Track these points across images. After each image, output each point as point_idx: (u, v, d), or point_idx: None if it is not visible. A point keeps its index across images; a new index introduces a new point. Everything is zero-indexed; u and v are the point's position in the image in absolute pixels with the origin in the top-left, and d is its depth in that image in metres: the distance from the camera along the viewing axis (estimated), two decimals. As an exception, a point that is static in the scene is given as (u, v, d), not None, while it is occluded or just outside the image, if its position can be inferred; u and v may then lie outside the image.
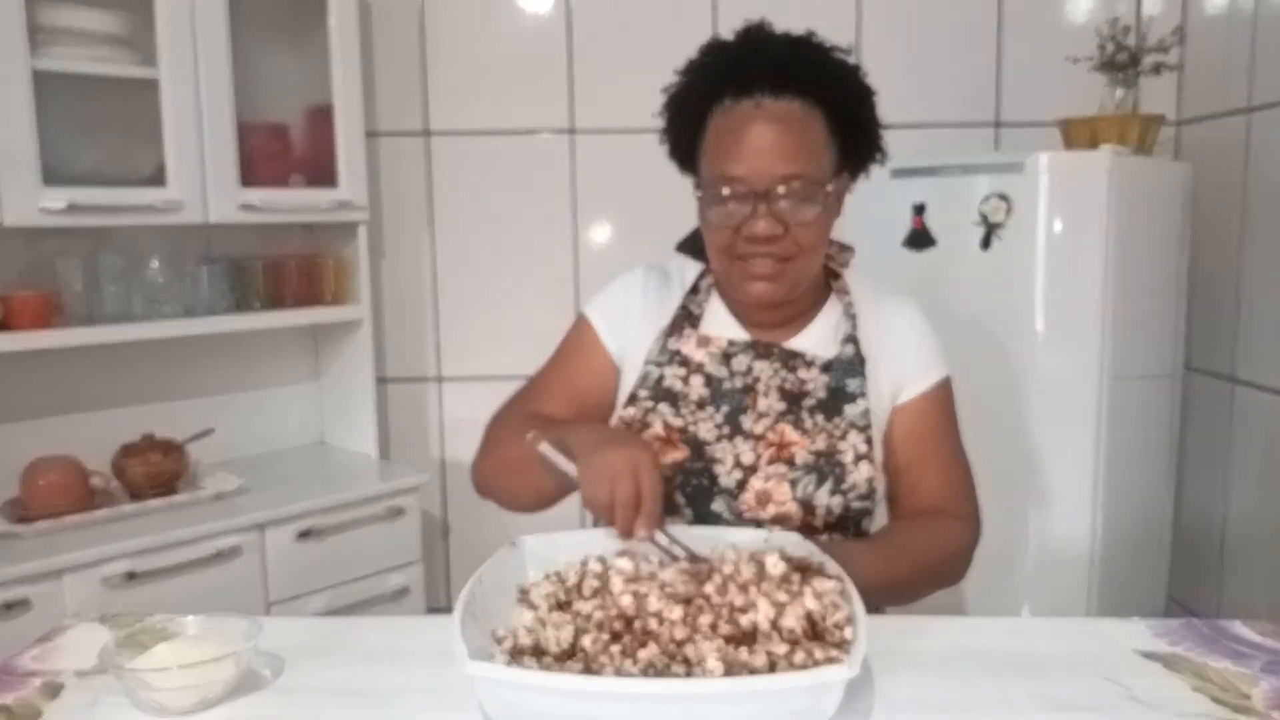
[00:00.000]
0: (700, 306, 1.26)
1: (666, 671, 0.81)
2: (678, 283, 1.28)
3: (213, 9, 2.02)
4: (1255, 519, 2.23)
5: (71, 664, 1.01)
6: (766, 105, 1.10)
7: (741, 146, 1.10)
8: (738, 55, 1.13)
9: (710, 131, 1.14)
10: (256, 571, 2.01)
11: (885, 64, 2.59)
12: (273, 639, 1.00)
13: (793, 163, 1.09)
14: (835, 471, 1.15)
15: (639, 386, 1.21)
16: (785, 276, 1.14)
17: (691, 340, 1.22)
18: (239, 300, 2.25)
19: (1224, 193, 2.31)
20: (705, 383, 1.20)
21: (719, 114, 1.13)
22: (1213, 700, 0.89)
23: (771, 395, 1.18)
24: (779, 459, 1.15)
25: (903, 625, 1.07)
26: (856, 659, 0.76)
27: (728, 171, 1.10)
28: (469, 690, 0.85)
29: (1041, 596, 2.15)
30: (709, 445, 1.16)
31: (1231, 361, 2.30)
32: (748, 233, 1.11)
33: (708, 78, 1.14)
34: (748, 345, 1.22)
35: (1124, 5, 2.49)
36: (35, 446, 2.00)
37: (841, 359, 1.21)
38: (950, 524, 1.21)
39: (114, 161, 2.04)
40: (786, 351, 1.21)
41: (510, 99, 2.57)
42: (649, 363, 1.22)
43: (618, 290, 1.29)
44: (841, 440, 1.16)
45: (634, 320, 1.26)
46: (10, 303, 1.87)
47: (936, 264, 2.19)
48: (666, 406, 1.19)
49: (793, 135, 1.09)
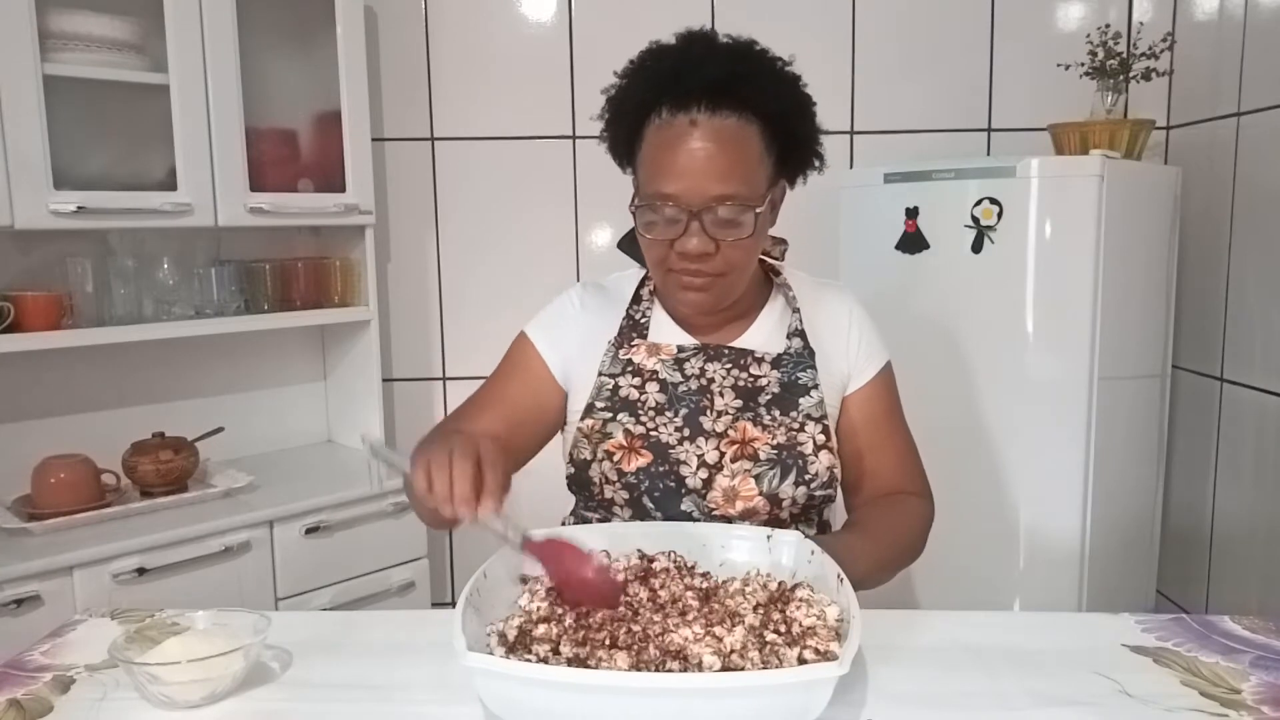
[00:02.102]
0: (645, 315, 1.27)
1: (661, 667, 0.82)
2: (616, 295, 1.30)
3: (222, 16, 2.05)
4: (1243, 516, 2.26)
5: (82, 659, 1.01)
6: (702, 122, 1.09)
7: (676, 165, 1.09)
8: (675, 67, 1.12)
9: (646, 143, 1.13)
10: (265, 567, 2.05)
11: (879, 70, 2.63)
12: (281, 633, 1.02)
13: (726, 183, 1.09)
14: (798, 463, 1.17)
15: (594, 398, 1.22)
16: (716, 289, 1.16)
17: (641, 349, 1.23)
18: (248, 301, 2.29)
19: (1213, 196, 2.33)
20: (660, 389, 1.21)
21: (655, 126, 1.12)
22: (1202, 695, 0.90)
23: (727, 394, 1.20)
24: (742, 455, 1.17)
25: (895, 619, 1.07)
26: (848, 656, 0.77)
27: (662, 189, 1.10)
28: (473, 683, 0.85)
29: (1032, 592, 2.18)
30: (672, 449, 1.17)
31: (1219, 361, 2.33)
32: (680, 249, 1.12)
33: (646, 86, 1.14)
34: (697, 349, 1.23)
35: (1115, 12, 2.51)
36: (47, 445, 2.03)
37: (790, 353, 1.23)
38: (915, 502, 1.25)
39: (124, 165, 2.07)
40: (736, 350, 1.23)
41: (513, 105, 2.60)
42: (602, 374, 1.22)
43: (556, 309, 1.30)
44: (800, 432, 1.18)
45: (574, 337, 1.26)
46: (22, 303, 1.89)
47: (929, 267, 2.22)
48: (625, 415, 1.19)
49: (727, 155, 1.09)
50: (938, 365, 2.20)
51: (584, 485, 1.22)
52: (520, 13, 2.58)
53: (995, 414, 2.17)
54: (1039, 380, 2.14)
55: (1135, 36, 2.37)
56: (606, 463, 1.19)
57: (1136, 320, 2.23)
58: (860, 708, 0.88)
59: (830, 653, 0.83)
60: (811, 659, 0.83)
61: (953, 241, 2.17)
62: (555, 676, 0.78)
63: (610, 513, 1.23)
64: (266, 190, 2.17)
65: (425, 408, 2.72)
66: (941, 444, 1.47)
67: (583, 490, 1.24)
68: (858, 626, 0.82)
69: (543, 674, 0.78)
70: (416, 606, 2.28)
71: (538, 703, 0.79)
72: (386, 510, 2.23)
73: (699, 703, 0.77)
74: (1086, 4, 2.55)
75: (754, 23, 1.24)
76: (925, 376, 1.81)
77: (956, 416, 2.19)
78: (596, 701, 0.78)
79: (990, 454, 2.18)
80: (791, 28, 1.17)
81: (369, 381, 2.47)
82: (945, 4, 2.56)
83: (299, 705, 0.92)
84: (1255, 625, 1.06)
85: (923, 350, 2.15)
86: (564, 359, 1.26)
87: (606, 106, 1.20)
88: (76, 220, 1.90)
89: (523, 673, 0.79)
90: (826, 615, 0.89)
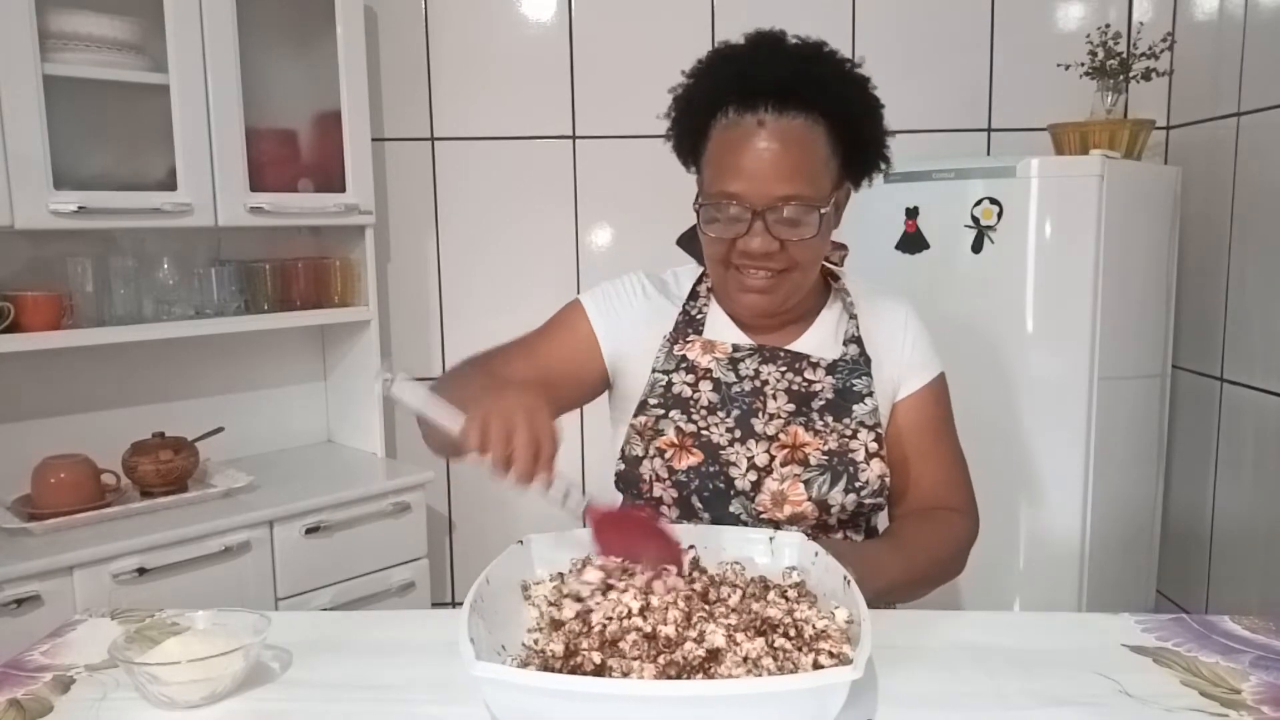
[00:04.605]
0: (701, 312, 1.26)
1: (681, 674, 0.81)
2: (675, 290, 1.29)
3: (222, 16, 2.05)
4: (1243, 515, 2.26)
5: (82, 659, 1.01)
6: (769, 123, 1.09)
7: (741, 165, 1.10)
8: (744, 67, 1.12)
9: (712, 142, 1.14)
10: (265, 567, 2.05)
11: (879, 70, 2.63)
12: (281, 633, 1.02)
13: (791, 184, 1.09)
14: (849, 470, 1.16)
15: (648, 394, 1.21)
16: (779, 289, 1.16)
17: (696, 346, 1.23)
18: (248, 301, 2.29)
19: (1213, 196, 2.33)
20: (714, 388, 1.20)
21: (722, 125, 1.13)
22: (1202, 695, 0.90)
23: (780, 398, 1.19)
24: (792, 460, 1.16)
25: (896, 620, 1.07)
26: (861, 660, 0.76)
27: (727, 188, 1.11)
28: (473, 684, 0.83)
29: (1033, 592, 2.18)
30: (723, 449, 1.17)
31: (1219, 361, 2.33)
32: (743, 248, 1.12)
33: (713, 86, 1.14)
34: (753, 350, 1.22)
35: (1115, 12, 2.52)
36: (47, 445, 2.03)
37: (846, 359, 1.22)
38: (955, 519, 1.24)
39: (124, 165, 2.07)
40: (792, 354, 1.22)
41: (513, 105, 2.60)
42: (656, 370, 1.22)
43: (619, 287, 1.29)
44: (853, 439, 1.17)
45: (628, 319, 1.26)
46: (22, 303, 1.89)
47: (929, 267, 2.22)
48: (678, 413, 1.19)
49: (793, 156, 1.09)
50: (938, 365, 2.20)
51: (633, 482, 1.21)
52: (520, 13, 2.58)
53: (995, 414, 2.17)
54: (1039, 380, 2.14)
55: (1135, 36, 2.37)
56: (658, 459, 1.17)
57: (1136, 320, 2.23)
58: (860, 708, 0.87)
59: (844, 655, 0.83)
60: (826, 663, 0.82)
61: (953, 241, 2.17)
62: (564, 685, 0.77)
63: (658, 512, 1.21)
64: (266, 190, 2.17)
65: (425, 408, 2.72)
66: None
67: (631, 488, 1.22)
68: (868, 629, 0.81)
69: (551, 683, 0.77)
70: (416, 606, 2.28)
71: (548, 711, 0.78)
72: (386, 510, 2.23)
73: (716, 710, 0.76)
74: (1086, 4, 2.55)
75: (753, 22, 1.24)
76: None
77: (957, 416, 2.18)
78: (608, 709, 0.77)
79: (990, 454, 2.17)
80: (791, 28, 1.16)
81: (369, 381, 2.46)
82: (945, 4, 2.56)
83: (299, 705, 0.91)
84: (1255, 625, 1.06)
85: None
86: (616, 338, 1.25)
87: (673, 105, 1.20)
88: (76, 220, 1.90)
89: (532, 682, 0.78)
90: (835, 618, 0.89)
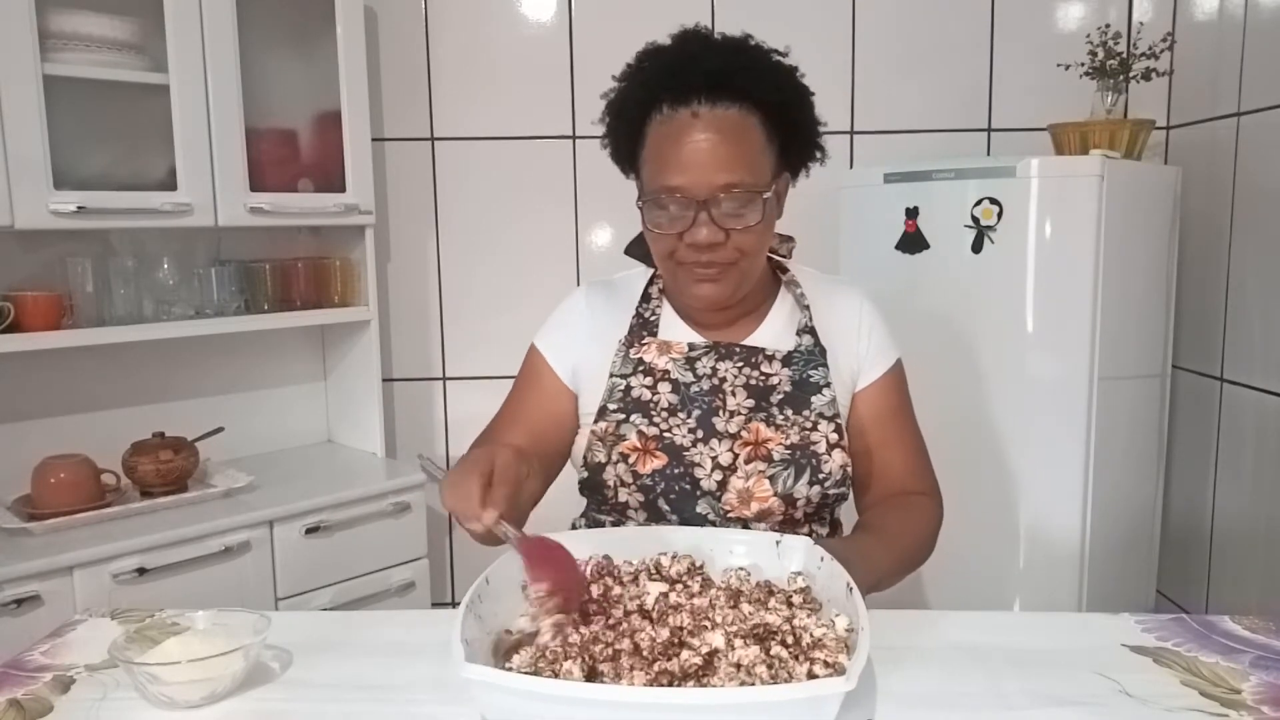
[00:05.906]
0: (654, 313, 1.27)
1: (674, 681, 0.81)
2: (625, 294, 1.29)
3: (222, 16, 2.05)
4: (1243, 515, 2.26)
5: (82, 658, 1.01)
6: (703, 114, 1.10)
7: (680, 157, 1.10)
8: (674, 62, 1.13)
9: (649, 140, 1.15)
10: (265, 567, 2.05)
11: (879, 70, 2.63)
12: (281, 633, 1.02)
13: (731, 171, 1.10)
14: (811, 463, 1.17)
15: (606, 400, 1.21)
16: (728, 279, 1.16)
17: (652, 348, 1.23)
18: (248, 301, 2.29)
19: (1213, 196, 2.34)
20: (673, 389, 1.20)
21: (657, 122, 1.13)
22: (1202, 695, 0.90)
23: (739, 393, 1.20)
24: (756, 456, 1.17)
25: (895, 620, 1.07)
26: (855, 672, 0.75)
27: (668, 182, 1.11)
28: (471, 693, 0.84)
29: (1032, 592, 2.18)
30: (686, 450, 1.17)
31: (1219, 361, 2.33)
32: (689, 240, 1.12)
33: (645, 85, 1.15)
34: (708, 347, 1.23)
35: (1115, 12, 2.52)
36: (47, 445, 2.03)
37: (801, 350, 1.23)
38: (927, 503, 1.25)
39: (124, 165, 2.07)
40: (747, 348, 1.23)
41: (513, 105, 2.61)
42: (614, 375, 1.22)
43: (561, 315, 1.30)
44: (813, 431, 1.18)
45: (581, 340, 1.26)
46: (22, 303, 1.89)
47: (929, 267, 2.22)
48: (639, 416, 1.19)
49: (730, 145, 1.10)
50: (938, 365, 2.19)
51: (597, 489, 1.21)
52: (520, 13, 2.59)
53: (995, 414, 2.17)
54: (1039, 380, 2.14)
55: (1135, 36, 2.37)
56: (622, 465, 1.18)
57: (1136, 320, 2.23)
58: (860, 708, 0.87)
59: (839, 665, 0.82)
60: (821, 673, 0.82)
61: (953, 241, 2.17)
62: (554, 690, 0.76)
63: (625, 516, 1.22)
64: (266, 190, 2.17)
65: (425, 408, 2.73)
66: (941, 444, 1.47)
67: (596, 494, 1.23)
68: (866, 639, 0.80)
69: (540, 687, 0.77)
70: (416, 606, 2.28)
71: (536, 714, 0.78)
72: (386, 510, 2.24)
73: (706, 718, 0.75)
74: (1086, 4, 2.55)
75: (754, 23, 1.25)
76: (925, 377, 1.81)
77: (956, 416, 2.19)
78: (597, 715, 0.76)
79: (990, 454, 2.18)
80: (791, 27, 1.17)
81: (369, 381, 2.47)
82: (945, 4, 2.56)
83: (299, 705, 0.92)
84: (1255, 625, 1.06)
85: (923, 350, 2.15)
86: (572, 364, 1.26)
87: (607, 110, 1.20)
88: (76, 220, 1.90)
89: (521, 685, 0.77)
90: (836, 625, 0.88)
